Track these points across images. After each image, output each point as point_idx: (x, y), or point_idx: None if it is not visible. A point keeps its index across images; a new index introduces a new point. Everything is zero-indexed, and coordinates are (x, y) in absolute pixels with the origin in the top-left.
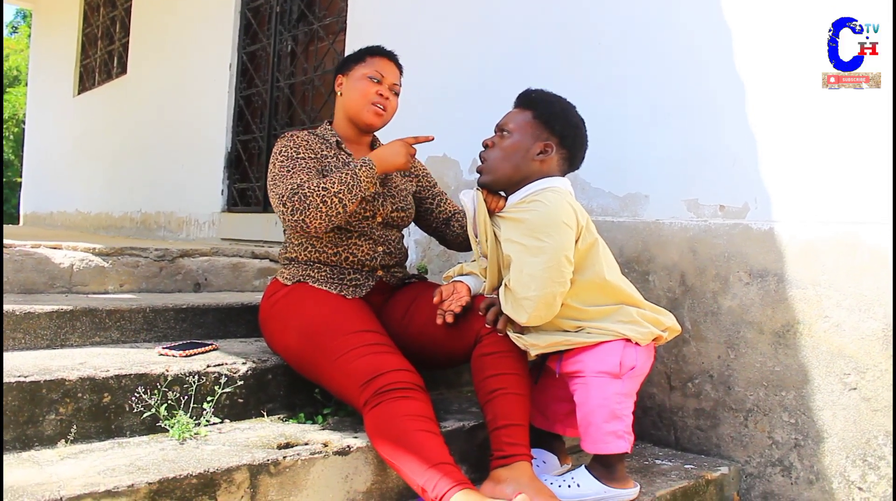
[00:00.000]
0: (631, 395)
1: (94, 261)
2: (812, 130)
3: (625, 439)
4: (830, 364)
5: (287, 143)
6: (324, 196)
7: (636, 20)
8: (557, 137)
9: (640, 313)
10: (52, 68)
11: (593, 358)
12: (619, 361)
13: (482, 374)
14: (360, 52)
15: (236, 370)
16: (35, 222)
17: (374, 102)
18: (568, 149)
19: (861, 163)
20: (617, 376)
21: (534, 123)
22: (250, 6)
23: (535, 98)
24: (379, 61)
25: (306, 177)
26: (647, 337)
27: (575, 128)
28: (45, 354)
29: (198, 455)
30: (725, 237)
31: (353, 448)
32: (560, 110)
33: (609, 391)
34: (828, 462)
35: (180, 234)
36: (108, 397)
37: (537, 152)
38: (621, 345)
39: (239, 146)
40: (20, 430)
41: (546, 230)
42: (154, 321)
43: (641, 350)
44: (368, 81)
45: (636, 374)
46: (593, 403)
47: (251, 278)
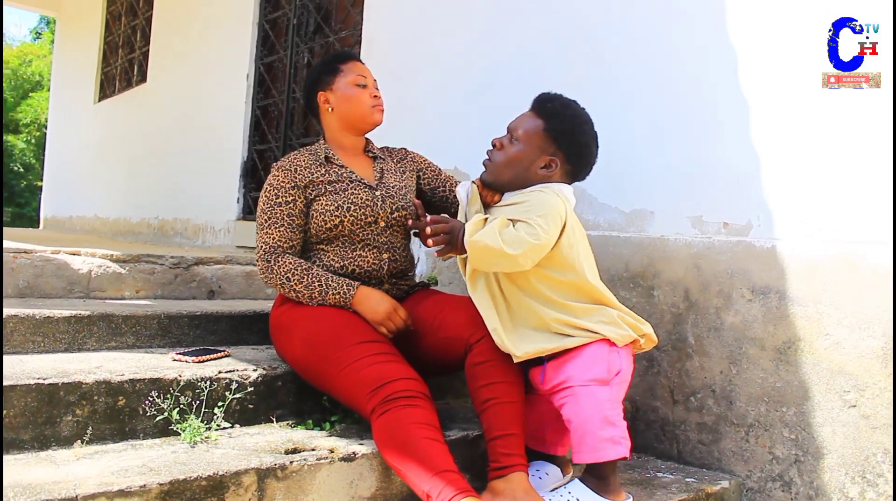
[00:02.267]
0: (620, 401)
1: (112, 267)
2: (814, 149)
3: (622, 444)
4: (830, 382)
5: (272, 181)
6: (284, 283)
7: (641, 37)
8: (564, 154)
9: (620, 315)
10: (73, 75)
11: (579, 367)
12: (606, 367)
13: (474, 383)
14: (328, 65)
15: (247, 376)
16: (55, 225)
17: (373, 104)
18: (573, 165)
19: (862, 183)
20: (605, 382)
21: (543, 136)
22: (268, 18)
23: (550, 109)
24: (353, 65)
25: (278, 236)
26: (625, 339)
27: (584, 146)
28: (63, 357)
29: (208, 458)
30: (729, 254)
31: (358, 455)
32: (571, 127)
33: (600, 397)
34: (827, 479)
35: (196, 241)
36: (122, 400)
37: (542, 166)
38: (605, 350)
39: (255, 155)
40: (38, 431)
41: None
42: (168, 327)
43: (624, 354)
44: (358, 88)
45: (622, 379)
46: (586, 412)
47: (264, 286)
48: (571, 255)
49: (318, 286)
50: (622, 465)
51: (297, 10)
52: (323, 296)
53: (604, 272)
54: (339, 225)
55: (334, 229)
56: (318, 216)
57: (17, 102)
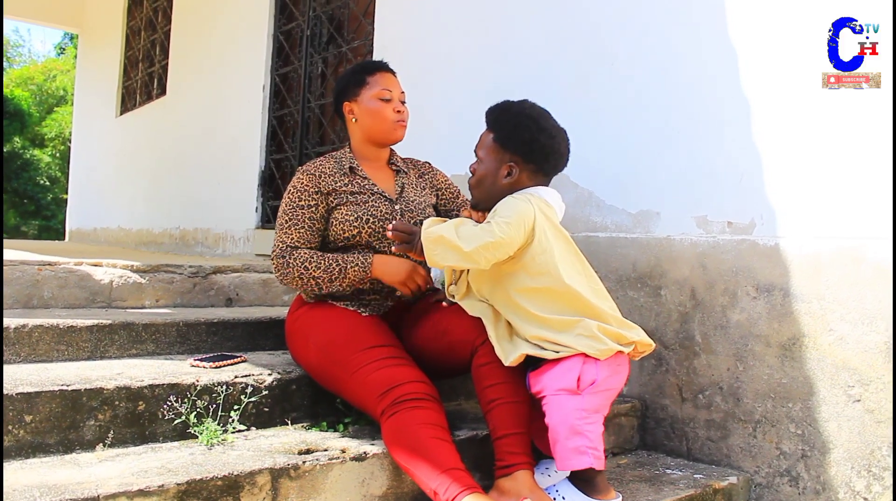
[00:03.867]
0: (596, 410)
1: (132, 278)
2: (815, 148)
3: (588, 454)
4: (835, 377)
5: (296, 184)
6: (302, 273)
7: (646, 40)
8: (518, 155)
9: (602, 327)
10: (96, 89)
11: (551, 377)
12: (576, 377)
13: (480, 384)
14: (356, 75)
15: (262, 380)
16: (80, 237)
17: (396, 120)
18: (533, 162)
19: (862, 179)
20: (574, 392)
21: (494, 147)
22: (282, 30)
23: (493, 118)
24: (380, 77)
25: (297, 236)
26: (604, 353)
27: (530, 142)
28: (86, 365)
29: (224, 459)
30: (733, 253)
31: (369, 455)
32: (513, 127)
33: (568, 407)
34: (834, 473)
35: (217, 250)
36: (142, 405)
37: (504, 174)
38: (580, 361)
39: (272, 165)
40: (63, 435)
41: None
42: (187, 334)
43: (603, 365)
44: (381, 103)
45: (599, 389)
46: (555, 420)
47: (280, 293)
48: (544, 259)
49: (336, 267)
50: (632, 462)
51: (311, 22)
52: (343, 274)
53: (612, 273)
54: (357, 235)
55: (352, 239)
56: (337, 225)
57: (42, 117)
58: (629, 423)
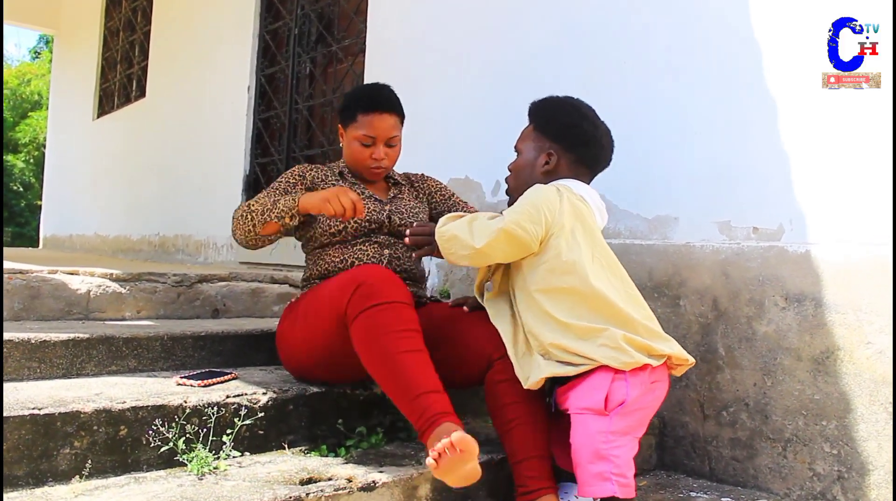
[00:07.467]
0: (625, 433)
1: (112, 287)
2: (848, 148)
3: (612, 481)
4: (874, 393)
5: (288, 172)
6: (245, 212)
7: (660, 40)
8: (559, 144)
9: (628, 337)
10: (72, 92)
11: (577, 394)
12: (604, 396)
13: (496, 402)
14: (351, 107)
15: (256, 400)
16: (55, 245)
17: (371, 166)
18: (575, 152)
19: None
20: (601, 413)
21: (534, 135)
22: (269, 29)
23: (534, 108)
24: (371, 119)
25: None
26: (628, 366)
27: (571, 127)
28: (61, 383)
29: (217, 492)
30: (760, 260)
31: (378, 483)
32: (553, 114)
33: (592, 429)
34: (874, 497)
35: (198, 257)
36: (124, 430)
37: (543, 163)
38: (608, 378)
39: (257, 169)
40: (34, 465)
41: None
42: (172, 348)
43: (634, 383)
44: (361, 147)
45: (630, 409)
46: (578, 441)
47: (270, 303)
48: (571, 257)
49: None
50: (652, 484)
51: (299, 20)
52: (273, 207)
53: None
54: (342, 231)
55: (338, 235)
56: (324, 221)
57: (16, 122)
58: (647, 441)
